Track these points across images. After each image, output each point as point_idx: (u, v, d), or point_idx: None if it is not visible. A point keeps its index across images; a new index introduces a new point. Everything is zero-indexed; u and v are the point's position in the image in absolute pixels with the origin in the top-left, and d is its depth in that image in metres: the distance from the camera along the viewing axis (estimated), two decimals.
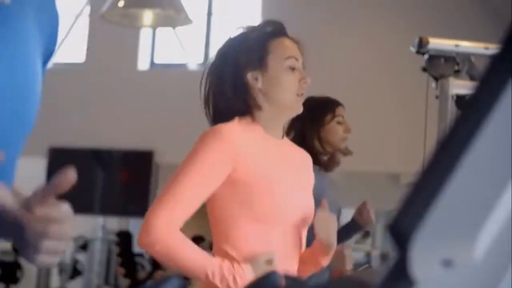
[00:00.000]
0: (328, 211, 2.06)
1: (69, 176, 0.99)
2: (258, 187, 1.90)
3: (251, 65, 1.97)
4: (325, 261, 2.08)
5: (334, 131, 2.91)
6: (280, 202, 1.93)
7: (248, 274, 1.88)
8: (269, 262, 1.92)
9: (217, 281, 1.86)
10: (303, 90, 2.01)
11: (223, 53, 2.03)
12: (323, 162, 2.92)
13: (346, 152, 2.97)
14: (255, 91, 1.97)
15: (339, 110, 2.95)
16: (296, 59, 2.01)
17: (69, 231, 1.04)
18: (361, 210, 2.99)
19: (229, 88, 1.97)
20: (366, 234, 8.86)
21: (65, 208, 1.03)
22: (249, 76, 1.97)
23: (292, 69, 1.99)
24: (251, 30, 2.04)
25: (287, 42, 2.03)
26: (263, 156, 1.96)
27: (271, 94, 1.97)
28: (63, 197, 1.05)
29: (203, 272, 1.86)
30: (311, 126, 2.87)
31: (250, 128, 1.97)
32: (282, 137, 2.07)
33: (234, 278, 1.87)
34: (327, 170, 2.94)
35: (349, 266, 2.74)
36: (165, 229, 1.85)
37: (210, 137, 1.92)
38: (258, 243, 1.91)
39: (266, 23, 2.08)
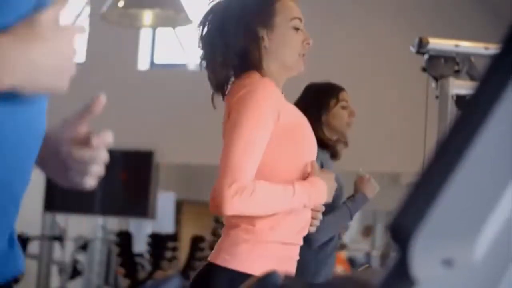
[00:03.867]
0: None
1: (100, 100, 1.09)
2: (299, 133, 2.01)
3: (260, 24, 2.02)
4: None
5: (339, 115, 2.90)
6: (313, 143, 2.06)
7: (322, 183, 2.00)
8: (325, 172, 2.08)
9: (306, 203, 1.98)
10: (306, 50, 2.07)
11: (229, 7, 2.06)
12: (332, 149, 2.92)
13: (345, 141, 2.97)
14: (262, 48, 2.02)
15: (342, 95, 2.94)
16: (300, 20, 2.08)
17: (106, 153, 1.16)
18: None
19: (240, 43, 2.02)
20: (367, 233, 8.85)
21: (107, 135, 1.13)
22: (259, 33, 2.02)
23: (297, 29, 2.05)
24: None
25: (291, 3, 2.09)
26: (289, 108, 2.05)
27: (276, 53, 2.03)
28: (63, 196, 1.10)
29: (296, 205, 1.95)
30: (315, 111, 2.87)
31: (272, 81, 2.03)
32: None
33: (317, 192, 1.99)
34: (333, 158, 2.94)
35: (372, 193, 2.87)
36: (251, 184, 1.88)
37: (257, 91, 1.95)
38: None
39: None
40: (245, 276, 1.88)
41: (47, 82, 0.97)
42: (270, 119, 1.94)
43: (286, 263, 1.99)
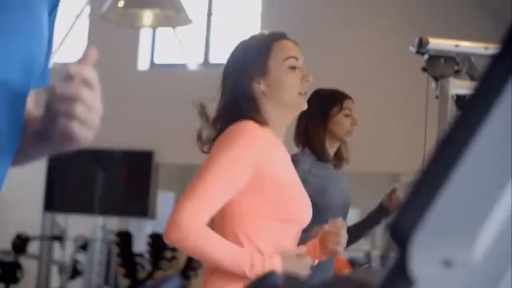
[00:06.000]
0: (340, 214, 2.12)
1: (92, 52, 1.03)
2: (281, 188, 1.94)
3: (254, 72, 2.02)
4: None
5: (341, 123, 2.91)
6: (298, 203, 1.99)
7: (278, 265, 1.89)
8: (299, 256, 1.95)
9: (246, 270, 1.88)
10: (306, 88, 2.05)
11: (228, 65, 2.09)
12: (332, 159, 2.92)
13: (346, 157, 2.98)
14: (260, 97, 2.01)
15: (347, 103, 2.95)
16: (296, 59, 2.05)
17: (99, 101, 1.05)
18: (390, 195, 3.01)
19: (237, 98, 2.02)
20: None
21: (94, 74, 1.03)
22: (254, 83, 2.02)
23: (293, 68, 2.03)
24: (252, 38, 2.11)
25: (287, 43, 2.07)
26: (280, 157, 2.00)
27: (274, 96, 2.01)
28: (63, 196, 1.09)
29: (235, 264, 1.87)
30: (318, 117, 2.88)
31: (264, 130, 2.00)
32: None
33: (264, 268, 1.88)
34: (336, 167, 2.95)
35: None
36: (193, 224, 1.85)
37: (238, 134, 1.94)
38: (272, 241, 1.95)
39: (267, 31, 2.14)
40: None
41: None
42: (245, 167, 1.91)
43: None
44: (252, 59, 2.02)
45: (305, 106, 2.05)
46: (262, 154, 1.93)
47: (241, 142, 1.92)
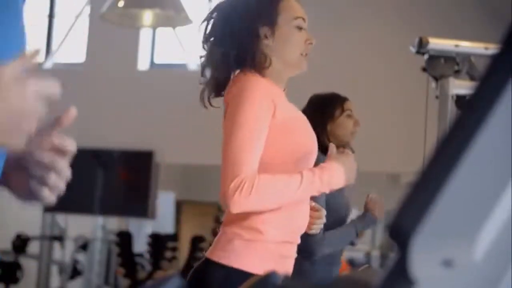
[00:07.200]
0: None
1: (71, 113, 1.06)
2: (294, 126, 2.03)
3: (263, 22, 2.05)
4: None
5: (344, 125, 2.91)
6: (310, 135, 2.07)
7: (339, 168, 2.00)
8: (341, 151, 2.09)
9: (318, 187, 1.95)
10: (308, 50, 2.11)
11: (234, 5, 2.10)
12: None
13: (351, 149, 2.98)
14: (264, 46, 2.05)
15: (347, 104, 2.95)
16: (304, 20, 2.11)
17: (68, 167, 1.10)
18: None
19: (240, 40, 2.04)
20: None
21: (70, 142, 1.08)
22: (260, 34, 2.05)
23: (300, 28, 2.09)
24: None
25: (295, 4, 2.13)
26: (285, 100, 2.06)
27: (278, 51, 2.06)
28: (62, 196, 1.10)
29: (307, 189, 1.93)
30: (320, 121, 2.88)
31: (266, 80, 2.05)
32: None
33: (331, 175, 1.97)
34: None
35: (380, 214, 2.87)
36: (251, 179, 1.89)
37: (249, 87, 1.98)
38: None
39: None
40: (239, 273, 1.91)
41: None
42: (266, 113, 1.96)
43: (282, 261, 1.99)
44: (261, 10, 2.05)
45: (305, 67, 2.10)
46: (273, 103, 1.98)
47: (257, 95, 1.96)
